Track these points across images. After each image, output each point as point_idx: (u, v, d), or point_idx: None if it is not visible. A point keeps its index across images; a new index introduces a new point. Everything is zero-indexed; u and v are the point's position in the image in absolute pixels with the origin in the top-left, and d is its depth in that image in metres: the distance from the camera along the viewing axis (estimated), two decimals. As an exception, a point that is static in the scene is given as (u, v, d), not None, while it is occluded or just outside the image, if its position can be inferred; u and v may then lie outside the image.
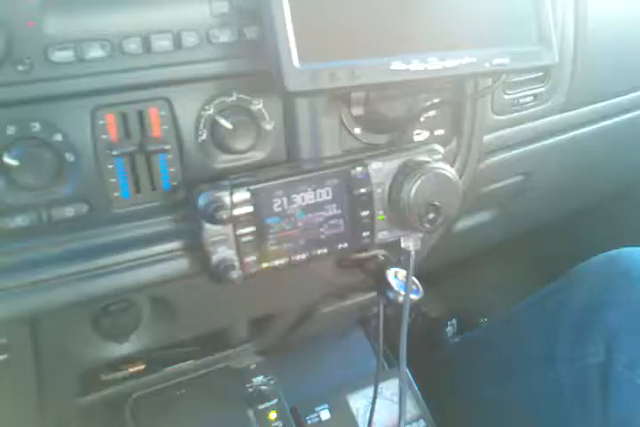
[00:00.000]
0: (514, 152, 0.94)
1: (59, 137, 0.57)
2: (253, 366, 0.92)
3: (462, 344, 1.32)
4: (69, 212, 0.59)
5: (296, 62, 0.54)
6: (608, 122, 1.05)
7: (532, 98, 0.91)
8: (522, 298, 1.07)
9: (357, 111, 0.68)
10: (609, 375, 0.86)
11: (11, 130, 0.55)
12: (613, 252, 0.96)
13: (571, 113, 0.98)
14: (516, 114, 0.90)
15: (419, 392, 1.06)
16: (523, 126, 0.92)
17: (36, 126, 0.56)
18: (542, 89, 0.91)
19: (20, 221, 0.57)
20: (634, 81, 1.05)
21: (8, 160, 0.55)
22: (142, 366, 0.81)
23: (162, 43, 0.57)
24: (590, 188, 1.22)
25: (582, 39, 0.92)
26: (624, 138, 1.11)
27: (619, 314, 0.87)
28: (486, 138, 0.86)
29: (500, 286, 1.57)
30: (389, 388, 1.01)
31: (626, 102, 1.06)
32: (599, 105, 1.02)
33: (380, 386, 0.87)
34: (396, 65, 0.58)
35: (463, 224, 1.05)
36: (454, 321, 1.45)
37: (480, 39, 0.62)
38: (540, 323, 0.99)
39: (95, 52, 0.55)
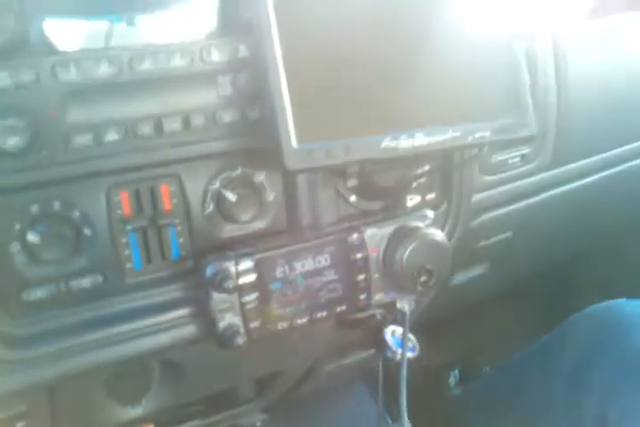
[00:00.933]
0: (503, 210, 0.98)
1: (77, 213, 0.61)
2: (259, 424, 0.93)
3: (463, 396, 1.33)
4: (86, 283, 0.62)
5: (294, 143, 0.58)
6: (593, 177, 1.09)
7: (519, 158, 0.95)
8: (521, 346, 1.09)
9: (352, 183, 0.73)
10: (606, 426, 0.87)
11: (33, 209, 0.59)
12: (606, 303, 0.99)
13: (557, 171, 1.02)
14: (504, 174, 0.94)
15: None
16: (511, 185, 0.96)
17: (57, 205, 0.60)
18: (529, 150, 0.95)
19: (39, 293, 0.61)
20: (615, 138, 1.10)
21: (31, 237, 0.59)
22: (151, 426, 0.83)
23: (172, 125, 0.61)
24: (581, 238, 1.26)
25: (565, 102, 0.97)
26: (609, 191, 1.15)
27: (612, 365, 0.89)
28: (476, 198, 0.90)
29: (499, 335, 1.58)
30: (392, 442, 1.03)
31: (609, 158, 1.10)
32: (584, 162, 1.06)
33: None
34: (387, 142, 0.62)
35: (458, 279, 1.08)
36: (456, 371, 1.47)
37: (463, 115, 0.67)
38: (536, 374, 1.01)
39: (111, 136, 0.59)
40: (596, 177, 1.10)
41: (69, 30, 0.60)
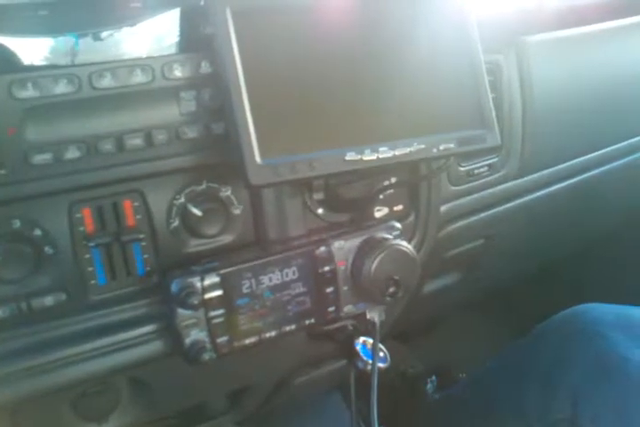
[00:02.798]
0: (473, 219, 0.99)
1: (38, 232, 0.61)
2: (232, 438, 0.93)
3: (441, 402, 1.33)
4: (48, 301, 0.62)
5: (258, 158, 0.59)
6: (560, 185, 1.11)
7: (486, 168, 0.96)
8: (498, 351, 1.10)
9: (319, 196, 0.73)
10: (577, 430, 0.88)
11: None
12: (571, 309, 1.00)
13: (525, 179, 1.04)
14: (472, 183, 0.95)
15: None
16: (479, 194, 0.97)
17: (17, 223, 0.59)
18: (496, 159, 0.97)
19: (0, 312, 0.60)
20: (582, 146, 1.12)
21: (-11, 257, 0.58)
22: (122, 443, 0.82)
23: (134, 141, 0.61)
24: (550, 246, 1.27)
25: (530, 112, 0.98)
26: (576, 199, 1.17)
27: (579, 371, 0.90)
28: (445, 207, 0.91)
29: (476, 341, 1.59)
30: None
31: (577, 166, 1.12)
32: (551, 170, 1.08)
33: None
34: (351, 156, 0.63)
35: (430, 287, 1.08)
36: (434, 378, 1.47)
37: (427, 127, 0.68)
38: (509, 380, 1.02)
39: (72, 154, 0.58)
40: (563, 185, 1.12)
41: (35, 46, 0.59)
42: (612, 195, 1.26)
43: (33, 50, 0.59)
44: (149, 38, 0.63)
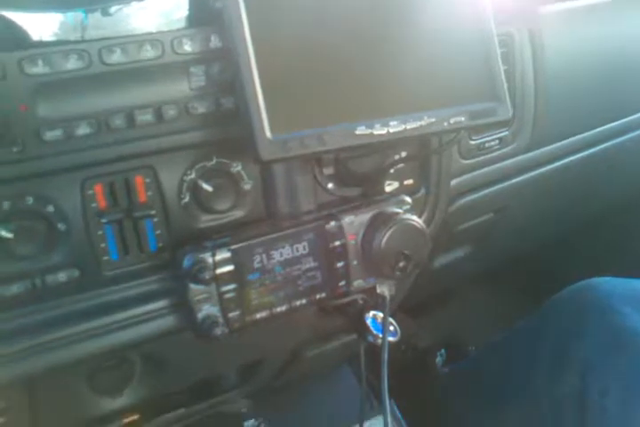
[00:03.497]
0: (483, 192, 0.98)
1: (51, 208, 0.61)
2: (245, 410, 0.94)
3: (451, 375, 1.34)
4: (62, 277, 0.62)
5: (268, 133, 0.58)
6: (571, 158, 1.10)
7: (497, 141, 0.95)
8: (507, 325, 1.11)
9: (329, 170, 0.73)
10: (584, 403, 0.89)
11: (6, 205, 0.59)
12: (582, 283, 1.00)
13: (535, 152, 1.03)
14: (482, 157, 0.94)
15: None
16: (490, 168, 0.96)
17: (30, 200, 0.60)
18: (507, 133, 0.96)
19: (15, 289, 0.60)
20: (593, 119, 1.11)
21: (3, 233, 0.58)
22: (136, 416, 0.83)
23: (144, 117, 0.61)
24: (561, 219, 1.27)
25: (542, 85, 0.97)
26: (588, 172, 1.16)
27: (590, 344, 0.91)
28: (455, 181, 0.91)
29: (485, 314, 1.60)
30: (378, 424, 1.04)
31: (588, 139, 1.11)
32: (561, 143, 1.07)
33: (368, 423, 0.90)
34: (361, 130, 0.62)
35: (441, 261, 1.09)
36: (443, 351, 1.48)
37: (438, 100, 0.67)
38: (519, 354, 1.03)
39: (83, 130, 0.59)
40: (575, 158, 1.11)
41: (44, 22, 0.58)
42: (623, 167, 1.25)
43: (42, 26, 0.58)
44: (158, 13, 0.63)
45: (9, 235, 0.58)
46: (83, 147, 0.59)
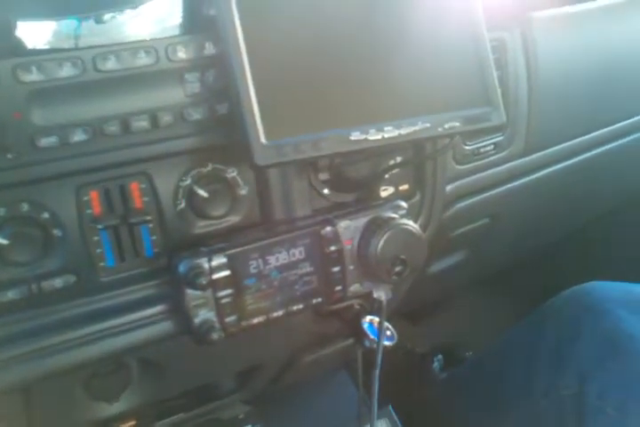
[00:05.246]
0: (478, 197, 0.99)
1: (46, 215, 0.61)
2: (242, 416, 0.94)
3: (449, 379, 1.34)
4: (58, 283, 0.62)
5: (263, 139, 0.59)
6: (566, 163, 1.11)
7: (492, 147, 0.96)
8: (504, 330, 1.11)
9: (324, 176, 0.74)
10: (583, 407, 0.89)
11: (1, 211, 0.59)
12: (578, 287, 1.00)
13: (530, 157, 1.03)
14: (477, 162, 0.95)
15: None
16: (485, 173, 0.97)
17: (25, 206, 0.60)
18: (501, 138, 0.96)
19: (11, 294, 0.60)
20: (585, 125, 1.11)
21: (0, 240, 0.59)
22: (133, 422, 0.83)
23: (139, 123, 0.61)
24: (556, 224, 1.27)
25: (535, 90, 0.98)
26: (583, 176, 1.17)
27: (586, 348, 0.91)
28: (450, 187, 0.91)
29: (482, 319, 1.60)
30: (376, 430, 1.04)
31: (581, 144, 1.12)
32: (555, 148, 1.07)
33: (366, 428, 0.89)
34: (356, 135, 0.63)
35: (437, 267, 1.09)
36: (440, 357, 1.48)
37: (432, 106, 0.67)
38: (517, 357, 1.02)
39: (78, 137, 0.59)
40: (569, 163, 1.12)
41: (37, 30, 0.59)
42: (617, 173, 1.25)
43: (35, 34, 0.58)
44: (152, 20, 0.63)
45: (4, 241, 0.59)
46: (77, 153, 0.60)
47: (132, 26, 0.62)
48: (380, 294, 0.76)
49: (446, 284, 1.22)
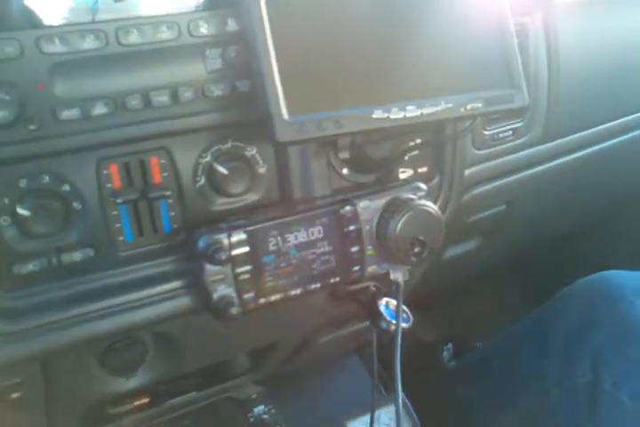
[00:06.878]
0: (496, 183, 0.98)
1: (67, 187, 0.61)
2: (254, 396, 0.95)
3: (458, 369, 1.34)
4: (77, 256, 0.63)
5: (285, 115, 0.58)
6: (584, 151, 1.10)
7: (510, 132, 0.95)
8: (514, 320, 1.11)
9: (344, 155, 0.73)
10: (597, 395, 0.89)
11: (22, 183, 0.59)
12: (595, 275, 1.00)
13: (548, 145, 1.03)
14: (496, 148, 0.94)
15: (415, 417, 1.09)
16: (503, 159, 0.96)
17: (46, 179, 0.60)
18: (520, 124, 0.96)
19: (31, 266, 0.61)
20: (607, 112, 1.11)
21: (20, 211, 0.59)
22: (147, 399, 0.84)
23: (160, 98, 0.61)
24: (572, 213, 1.26)
25: (555, 77, 0.97)
26: (601, 165, 1.16)
27: (602, 335, 0.91)
28: (468, 172, 0.91)
29: (492, 309, 1.60)
30: (387, 414, 1.04)
31: (601, 133, 1.11)
32: (575, 136, 1.06)
33: (378, 412, 0.89)
34: (378, 114, 0.62)
35: (451, 253, 1.08)
36: (450, 346, 1.48)
37: (454, 86, 0.67)
38: (530, 346, 1.02)
39: (99, 110, 0.59)
40: (587, 151, 1.11)
41: (55, 5, 0.59)
42: (636, 161, 1.24)
43: (57, 8, 0.59)
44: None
45: (26, 212, 0.59)
46: (98, 126, 0.60)
47: (150, 3, 0.62)
48: (398, 276, 0.75)
49: (459, 271, 1.22)
